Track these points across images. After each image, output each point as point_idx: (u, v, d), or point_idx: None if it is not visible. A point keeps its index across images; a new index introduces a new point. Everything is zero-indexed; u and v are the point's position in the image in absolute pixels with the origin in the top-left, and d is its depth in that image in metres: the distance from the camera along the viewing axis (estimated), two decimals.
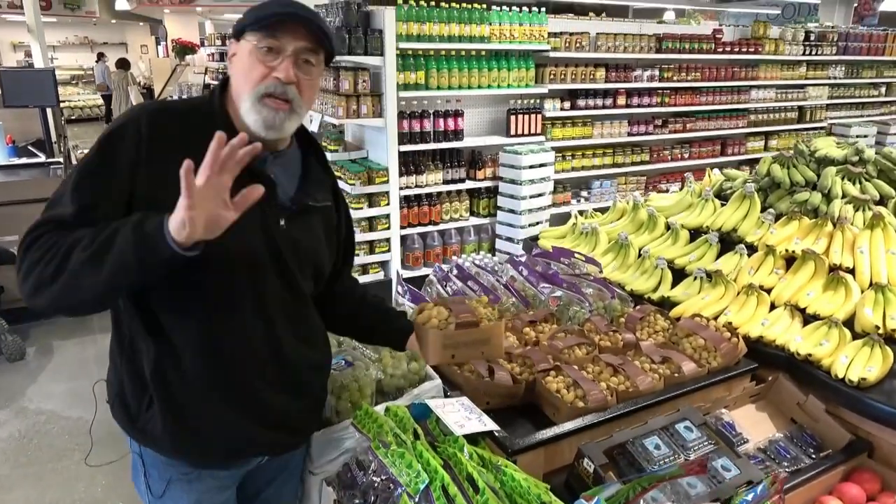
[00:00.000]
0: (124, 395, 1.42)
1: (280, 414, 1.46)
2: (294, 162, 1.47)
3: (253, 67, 1.30)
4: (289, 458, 1.61)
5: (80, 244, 1.17)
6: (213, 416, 1.37)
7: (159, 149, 1.27)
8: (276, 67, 1.29)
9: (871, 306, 2.10)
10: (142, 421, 1.38)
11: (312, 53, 1.33)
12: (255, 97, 1.30)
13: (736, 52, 6.29)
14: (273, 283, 1.39)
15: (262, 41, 1.29)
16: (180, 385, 1.34)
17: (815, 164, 2.73)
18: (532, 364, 1.97)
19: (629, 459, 1.69)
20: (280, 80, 1.29)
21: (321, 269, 1.53)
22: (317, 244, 1.50)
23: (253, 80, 1.30)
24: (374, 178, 4.62)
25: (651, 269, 2.65)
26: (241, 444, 1.44)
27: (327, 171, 1.55)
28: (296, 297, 1.44)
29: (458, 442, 1.62)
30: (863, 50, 7.44)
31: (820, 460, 1.87)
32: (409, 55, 4.61)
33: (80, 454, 3.20)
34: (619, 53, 5.54)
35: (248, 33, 1.31)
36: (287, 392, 1.46)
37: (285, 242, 1.38)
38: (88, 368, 4.07)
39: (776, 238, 2.47)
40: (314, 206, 1.45)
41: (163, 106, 1.36)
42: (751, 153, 6.87)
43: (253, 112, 1.30)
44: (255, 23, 1.29)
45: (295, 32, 1.30)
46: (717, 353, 2.07)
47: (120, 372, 1.42)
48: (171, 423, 1.35)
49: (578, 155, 5.64)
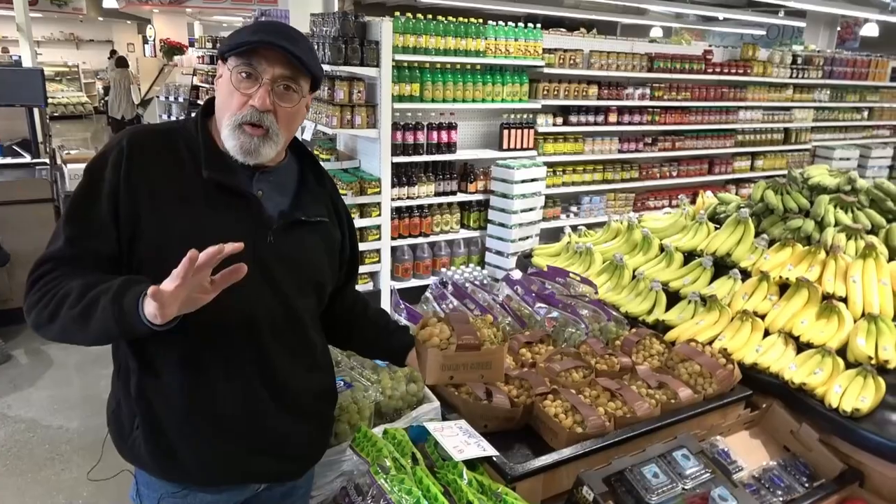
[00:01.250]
0: (119, 413, 1.40)
1: (273, 441, 1.41)
2: (288, 177, 1.46)
3: (232, 94, 1.31)
4: (292, 487, 1.55)
5: (68, 301, 1.21)
6: (193, 441, 1.33)
7: (137, 165, 1.29)
8: (253, 95, 1.30)
9: (864, 336, 2.13)
10: (130, 440, 1.36)
11: (292, 80, 1.32)
12: (233, 125, 1.31)
13: (725, 72, 6.39)
14: (265, 303, 1.35)
15: (239, 67, 1.30)
16: (162, 407, 1.32)
17: (809, 191, 2.77)
18: (529, 387, 1.97)
19: (627, 487, 1.69)
20: (256, 108, 1.29)
21: (322, 285, 1.50)
22: (314, 259, 1.46)
23: (231, 107, 1.31)
24: (366, 189, 4.61)
25: (646, 292, 2.66)
26: (227, 471, 1.39)
27: (324, 187, 1.53)
28: (290, 318, 1.40)
29: (457, 468, 1.61)
30: (847, 74, 7.59)
31: (813, 490, 1.88)
32: (405, 67, 4.61)
33: (61, 464, 3.13)
34: (611, 71, 5.60)
35: (230, 57, 1.31)
36: (281, 419, 1.41)
37: (275, 259, 1.36)
38: (71, 376, 4.00)
39: (770, 264, 2.50)
40: (306, 220, 1.42)
41: (146, 128, 1.39)
42: (737, 172, 6.97)
43: (231, 138, 1.31)
44: (234, 48, 1.30)
45: (271, 59, 1.29)
46: (712, 380, 2.08)
47: (116, 390, 1.40)
48: (153, 445, 1.33)
49: (569, 170, 5.68)
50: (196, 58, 11.41)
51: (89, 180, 1.30)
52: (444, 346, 1.60)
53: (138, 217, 1.28)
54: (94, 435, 3.30)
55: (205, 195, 1.31)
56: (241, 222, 1.33)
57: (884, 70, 7.99)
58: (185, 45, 15.44)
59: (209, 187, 1.31)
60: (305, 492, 1.62)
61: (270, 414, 1.39)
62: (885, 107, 8.32)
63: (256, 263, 1.33)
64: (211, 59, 10.03)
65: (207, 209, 1.31)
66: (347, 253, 1.61)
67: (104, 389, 3.53)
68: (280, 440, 1.42)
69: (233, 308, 1.31)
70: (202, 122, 1.38)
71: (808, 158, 7.55)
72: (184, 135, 1.36)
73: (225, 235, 1.27)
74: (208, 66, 10.08)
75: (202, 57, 10.45)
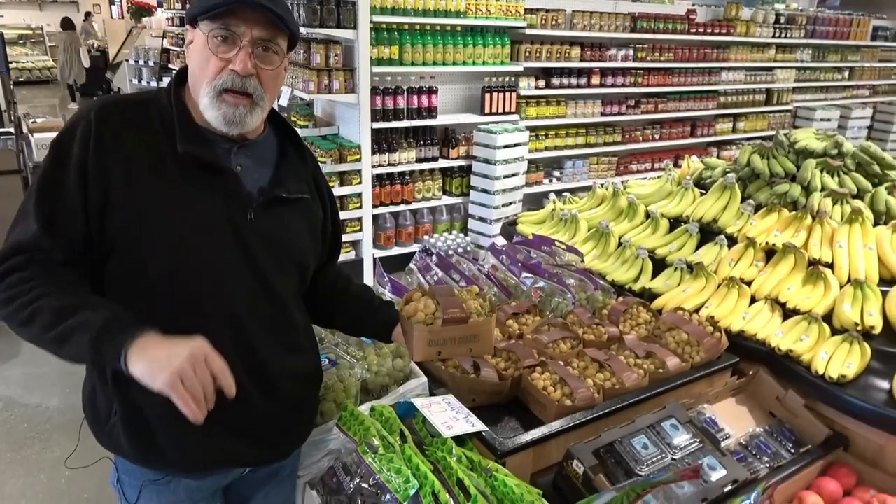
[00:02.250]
0: (94, 399, 1.34)
1: (257, 425, 1.37)
2: (267, 151, 1.39)
3: (208, 60, 1.22)
4: (279, 467, 1.53)
5: (42, 318, 1.13)
6: (173, 427, 1.27)
7: (107, 139, 1.21)
8: (233, 59, 1.22)
9: (850, 302, 2.13)
10: (108, 426, 1.31)
11: (272, 41, 1.25)
12: (213, 93, 1.22)
13: (709, 33, 6.30)
14: (244, 283, 1.30)
15: (214, 30, 1.21)
16: (140, 393, 1.24)
17: (795, 155, 2.74)
18: (517, 359, 1.94)
19: (617, 459, 1.69)
20: (237, 73, 1.22)
21: (304, 264, 1.44)
22: (295, 238, 1.40)
23: (209, 73, 1.22)
24: (345, 156, 4.51)
25: (632, 259, 2.64)
26: (208, 456, 1.35)
27: (305, 161, 1.46)
28: (273, 299, 1.35)
29: (446, 444, 1.59)
30: (829, 34, 7.55)
31: (799, 456, 1.90)
32: (383, 29, 4.47)
33: (41, 443, 3.08)
34: (594, 32, 5.49)
35: (201, 21, 1.22)
36: (264, 402, 1.36)
37: (255, 238, 1.30)
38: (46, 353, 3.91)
39: (756, 230, 2.48)
40: (287, 197, 1.36)
41: (115, 99, 1.29)
42: (719, 134, 6.95)
43: (212, 108, 1.23)
44: (207, 10, 1.20)
45: (249, 19, 1.21)
46: (700, 348, 2.07)
47: (91, 374, 1.35)
48: (132, 432, 1.28)
49: (552, 134, 5.61)
50: (165, 19, 11.01)
51: (56, 156, 1.21)
52: (429, 322, 1.54)
53: (108, 194, 1.20)
54: (74, 413, 3.24)
55: (181, 171, 1.24)
56: (220, 199, 1.26)
57: (865, 29, 7.95)
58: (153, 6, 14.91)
59: (185, 162, 1.23)
60: (292, 471, 1.60)
61: (253, 397, 1.34)
62: (866, 66, 8.31)
63: (236, 242, 1.28)
64: (181, 22, 9.68)
65: (185, 185, 1.24)
66: (329, 230, 1.55)
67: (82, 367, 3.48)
68: (263, 423, 1.38)
69: (212, 290, 1.26)
70: (175, 93, 1.29)
71: (789, 119, 7.55)
72: (157, 106, 1.28)
73: (202, 212, 1.23)
74: (178, 29, 9.74)
75: (171, 19, 10.09)
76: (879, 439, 1.92)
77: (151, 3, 14.84)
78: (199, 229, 1.23)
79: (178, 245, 1.21)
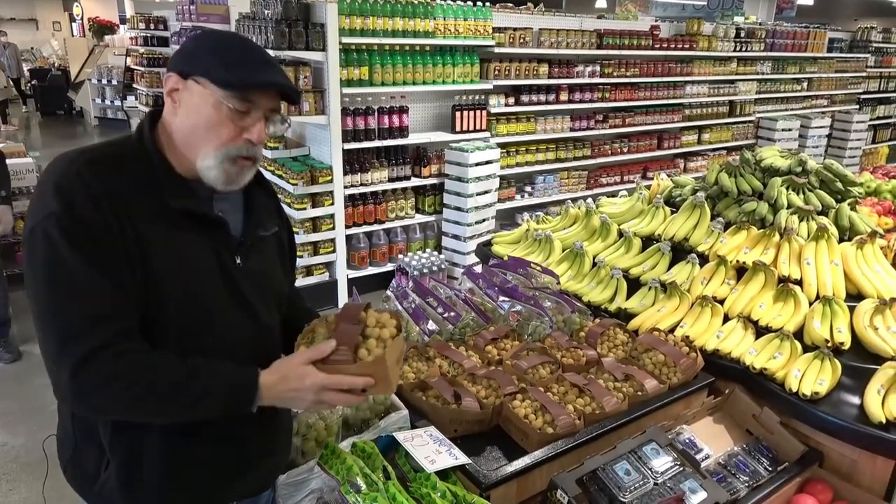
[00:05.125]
0: (79, 458, 1.31)
1: (251, 462, 1.39)
2: (236, 192, 1.38)
3: (222, 125, 1.20)
4: (257, 498, 1.51)
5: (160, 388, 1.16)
6: (174, 474, 1.29)
7: (118, 207, 1.15)
8: (249, 129, 1.22)
9: (820, 319, 2.17)
10: (98, 484, 1.29)
11: (278, 110, 1.28)
12: (222, 157, 1.21)
13: (672, 48, 6.44)
14: (238, 327, 1.31)
15: (236, 103, 1.19)
16: (138, 444, 1.25)
17: (761, 172, 2.81)
18: (498, 386, 1.94)
19: (600, 486, 1.70)
20: (251, 143, 1.22)
21: (281, 295, 1.47)
22: (273, 272, 1.44)
23: (222, 139, 1.20)
24: (317, 178, 4.49)
25: (607, 279, 2.67)
26: (206, 496, 1.36)
27: (268, 194, 1.47)
28: (263, 337, 1.37)
29: (430, 479, 1.58)
30: (787, 47, 7.78)
31: (777, 474, 1.93)
32: (353, 50, 4.47)
33: (9, 484, 2.97)
34: (561, 49, 5.57)
35: (213, 84, 1.18)
36: (258, 440, 1.39)
37: (244, 280, 1.31)
38: (10, 388, 3.79)
39: (726, 248, 2.53)
40: (265, 235, 1.39)
41: (93, 158, 1.19)
42: (685, 146, 7.09)
43: (216, 169, 1.21)
44: (228, 85, 1.18)
45: (269, 95, 1.23)
46: (676, 369, 2.10)
47: (72, 432, 1.31)
48: (128, 486, 1.26)
49: (522, 150, 5.66)
50: (129, 38, 10.86)
51: (69, 222, 1.11)
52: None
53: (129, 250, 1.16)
54: (41, 451, 3.13)
55: (171, 224, 1.21)
56: (212, 247, 1.26)
57: (821, 41, 8.22)
58: (115, 24, 14.70)
59: (175, 215, 1.21)
60: (269, 499, 1.58)
61: (249, 437, 1.36)
62: (823, 77, 8.58)
63: (228, 288, 1.29)
64: (145, 41, 9.55)
65: (178, 238, 1.22)
66: (288, 251, 1.54)
67: (49, 401, 3.36)
68: (256, 460, 1.40)
69: (213, 337, 1.27)
70: (154, 142, 1.25)
71: (752, 130, 7.74)
72: (133, 161, 1.22)
73: (200, 262, 1.24)
74: (143, 48, 9.61)
75: (135, 38, 9.94)
76: (853, 454, 1.96)
77: (114, 22, 14.64)
78: (193, 280, 1.22)
79: (182, 297, 1.21)
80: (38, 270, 1.11)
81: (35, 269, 1.12)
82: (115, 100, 12.28)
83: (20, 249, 4.90)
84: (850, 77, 9.07)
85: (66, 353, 1.10)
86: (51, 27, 18.10)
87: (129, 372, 1.13)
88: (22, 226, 5.22)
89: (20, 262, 4.64)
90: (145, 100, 9.22)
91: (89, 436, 1.26)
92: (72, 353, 1.10)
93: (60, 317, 1.11)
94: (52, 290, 1.11)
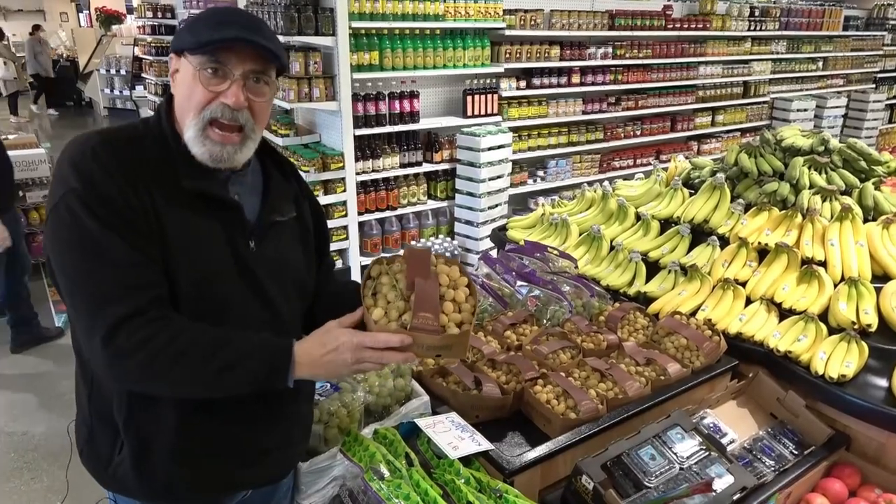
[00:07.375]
0: (93, 441, 1.31)
1: (265, 450, 1.37)
2: (254, 175, 1.36)
3: (197, 89, 1.18)
4: (276, 487, 1.51)
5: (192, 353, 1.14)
6: (186, 461, 1.28)
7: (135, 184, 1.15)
8: (224, 92, 1.18)
9: (846, 301, 2.14)
10: (112, 467, 1.29)
11: (263, 73, 1.22)
12: (200, 124, 1.18)
13: (685, 28, 6.34)
14: (253, 312, 1.29)
15: (205, 63, 1.17)
16: (154, 429, 1.25)
17: (782, 153, 2.75)
18: (518, 372, 1.92)
19: (625, 471, 1.68)
20: (228, 107, 1.18)
21: (303, 283, 1.43)
22: (292, 259, 1.40)
23: (197, 103, 1.18)
24: (328, 164, 4.46)
25: (625, 263, 2.63)
26: (218, 484, 1.35)
27: (287, 178, 1.44)
28: (278, 321, 1.33)
29: (453, 466, 1.57)
30: (802, 25, 7.63)
31: (803, 457, 1.90)
32: (363, 35, 4.42)
33: (30, 473, 2.99)
34: (573, 31, 5.49)
35: (190, 54, 1.18)
36: (273, 428, 1.37)
37: (259, 266, 1.29)
38: (28, 379, 3.81)
39: (747, 229, 2.49)
40: (281, 220, 1.35)
41: (107, 138, 1.19)
42: (699, 128, 6.99)
43: (198, 143, 1.19)
44: (197, 46, 1.16)
45: (241, 54, 1.18)
46: (699, 353, 2.07)
47: (88, 415, 1.31)
48: (140, 463, 1.26)
49: (534, 134, 5.60)
50: (136, 27, 10.82)
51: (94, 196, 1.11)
52: (393, 328, 1.25)
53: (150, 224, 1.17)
54: (62, 439, 3.16)
55: (189, 204, 1.20)
56: (225, 230, 1.24)
57: (837, 20, 8.05)
58: (122, 14, 14.65)
59: (190, 196, 1.20)
60: (289, 487, 1.57)
61: (262, 425, 1.35)
62: (839, 56, 8.42)
63: (241, 272, 1.26)
64: (153, 30, 9.51)
65: (193, 220, 1.21)
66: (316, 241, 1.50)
67: (67, 389, 3.38)
68: (271, 448, 1.38)
69: (228, 325, 1.24)
70: (170, 124, 1.24)
71: (766, 111, 7.62)
72: (151, 139, 1.22)
73: (213, 245, 1.23)
74: (150, 37, 9.57)
75: (143, 27, 9.90)
76: (881, 437, 1.93)
77: (121, 11, 14.60)
78: (203, 264, 1.21)
79: (196, 280, 1.20)
80: (66, 244, 1.12)
81: (62, 244, 1.12)
82: (123, 90, 12.28)
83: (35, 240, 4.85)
84: (866, 56, 8.89)
85: (99, 319, 1.10)
86: (58, 18, 18.08)
87: (163, 336, 1.12)
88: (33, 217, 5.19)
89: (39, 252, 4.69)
90: (154, 89, 9.20)
91: (104, 418, 1.26)
92: (106, 318, 1.10)
93: (92, 284, 1.11)
94: (84, 259, 1.11)
